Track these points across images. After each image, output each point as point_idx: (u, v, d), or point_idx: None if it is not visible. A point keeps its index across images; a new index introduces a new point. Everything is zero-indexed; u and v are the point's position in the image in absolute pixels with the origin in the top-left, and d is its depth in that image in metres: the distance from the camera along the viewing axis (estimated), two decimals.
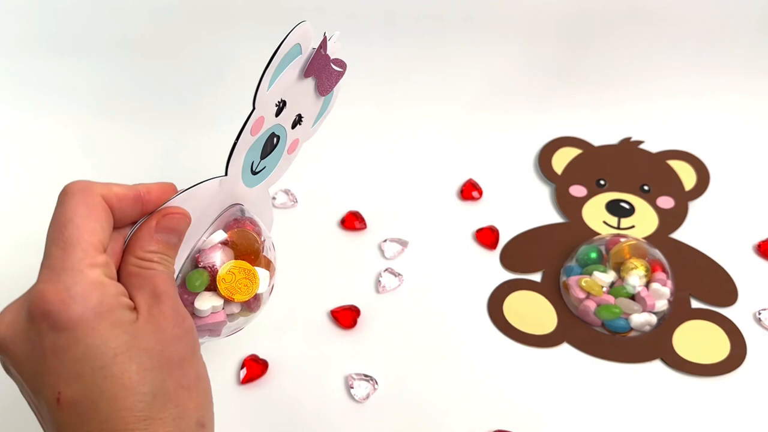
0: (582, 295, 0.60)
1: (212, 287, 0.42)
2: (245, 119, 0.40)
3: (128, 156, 0.76)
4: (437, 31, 0.82)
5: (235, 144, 0.41)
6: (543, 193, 0.73)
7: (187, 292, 0.41)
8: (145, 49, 0.83)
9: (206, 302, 0.42)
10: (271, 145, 0.46)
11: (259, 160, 0.46)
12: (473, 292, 0.63)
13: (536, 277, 0.65)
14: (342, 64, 0.47)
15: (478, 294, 0.63)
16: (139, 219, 0.38)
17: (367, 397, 0.55)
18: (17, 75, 0.83)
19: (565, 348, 0.59)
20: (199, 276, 0.41)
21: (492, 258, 0.67)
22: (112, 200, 0.36)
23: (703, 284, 0.64)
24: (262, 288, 0.43)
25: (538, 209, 0.71)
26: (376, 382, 0.56)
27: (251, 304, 0.44)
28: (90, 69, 0.83)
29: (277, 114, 0.44)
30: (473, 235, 0.68)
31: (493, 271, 0.65)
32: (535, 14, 0.80)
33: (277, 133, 0.45)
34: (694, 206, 0.71)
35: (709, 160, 0.76)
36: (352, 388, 0.56)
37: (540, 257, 0.66)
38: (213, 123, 0.75)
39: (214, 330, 0.43)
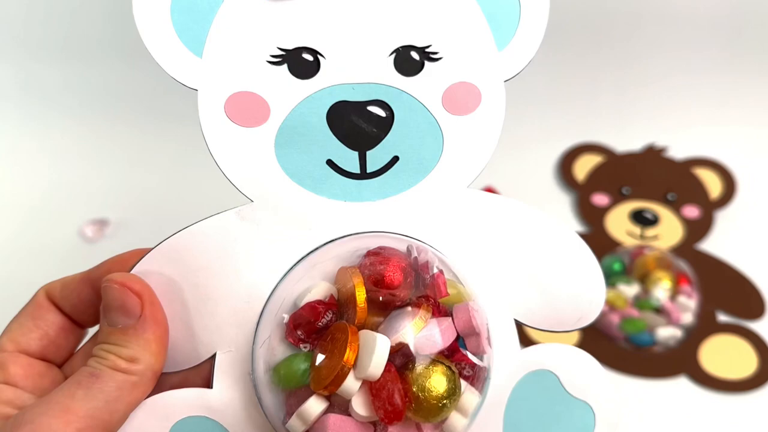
0: (605, 308, 0.59)
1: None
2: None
3: (139, 162, 0.76)
4: None
5: (216, 162, 0.28)
6: (564, 201, 0.72)
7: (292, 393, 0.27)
8: (144, 57, 0.83)
9: (298, 417, 0.26)
10: (367, 119, 0.28)
11: (355, 149, 0.28)
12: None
13: None
14: None
15: None
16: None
17: None
18: (25, 80, 0.83)
19: None
20: (289, 364, 0.27)
21: None
22: (54, 293, 0.31)
23: (730, 297, 0.62)
24: (363, 366, 0.25)
25: (559, 218, 0.70)
26: None
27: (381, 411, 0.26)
28: (99, 74, 0.82)
29: (306, 73, 0.27)
30: None
31: None
32: (557, 19, 0.79)
33: (357, 101, 0.28)
34: (721, 216, 0.69)
35: (736, 168, 0.74)
36: None
37: None
38: None
39: None
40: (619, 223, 0.68)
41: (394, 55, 0.28)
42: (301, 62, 0.27)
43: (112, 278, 0.28)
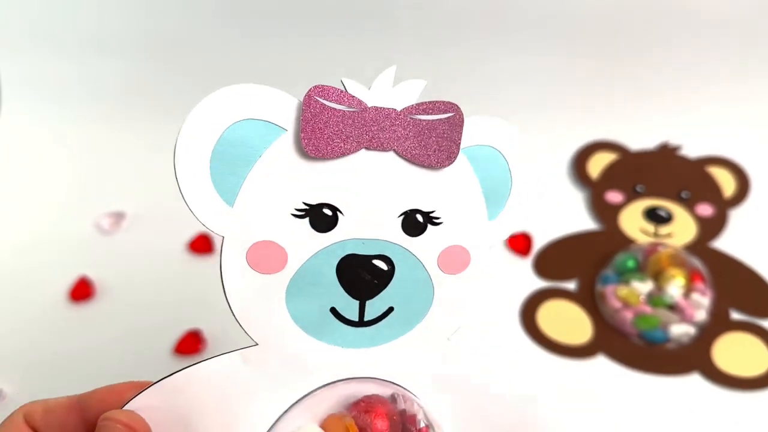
0: (618, 305, 0.59)
1: None
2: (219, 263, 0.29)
3: (155, 154, 0.76)
4: (472, 36, 0.81)
5: (229, 303, 0.29)
6: (577, 198, 0.72)
7: None
8: (159, 49, 0.83)
9: None
10: (371, 271, 0.30)
11: (357, 298, 0.30)
12: (505, 300, 0.62)
13: (571, 285, 0.63)
14: (440, 107, 0.30)
15: (510, 302, 0.62)
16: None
17: None
18: (41, 74, 0.83)
19: (601, 359, 0.58)
20: None
21: (525, 265, 0.65)
22: (34, 417, 0.29)
23: (743, 295, 0.62)
24: None
25: (572, 215, 0.70)
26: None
27: None
28: (115, 67, 0.83)
29: (324, 227, 0.29)
30: (505, 241, 0.67)
31: (526, 279, 0.64)
32: (572, 17, 0.79)
33: (365, 254, 0.30)
34: (734, 214, 0.70)
35: (750, 167, 0.74)
36: None
37: (575, 265, 0.65)
38: None
39: None
40: (632, 220, 0.68)
41: (402, 217, 0.30)
42: (321, 216, 0.29)
43: (114, 417, 0.27)
